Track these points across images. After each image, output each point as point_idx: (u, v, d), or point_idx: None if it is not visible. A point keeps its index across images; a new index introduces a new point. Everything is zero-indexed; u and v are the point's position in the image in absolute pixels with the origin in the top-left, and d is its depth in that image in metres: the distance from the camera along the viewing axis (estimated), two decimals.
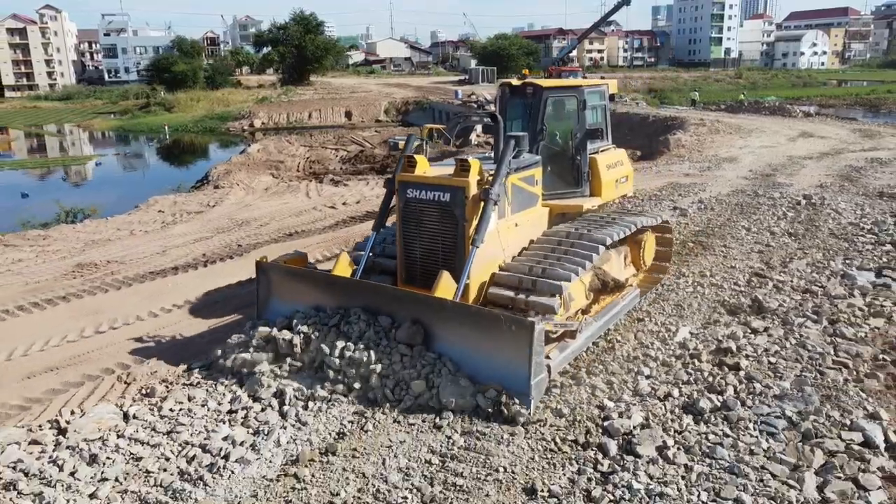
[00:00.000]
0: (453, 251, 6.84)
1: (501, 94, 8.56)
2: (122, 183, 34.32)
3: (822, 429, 5.81)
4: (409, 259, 7.22)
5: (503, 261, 7.22)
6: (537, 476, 5.22)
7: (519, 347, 5.81)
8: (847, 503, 4.91)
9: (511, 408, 5.82)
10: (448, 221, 6.84)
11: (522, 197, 7.50)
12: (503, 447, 5.56)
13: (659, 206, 14.48)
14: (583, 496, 4.99)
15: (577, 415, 6.09)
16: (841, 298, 8.80)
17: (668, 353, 7.36)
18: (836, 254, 10.81)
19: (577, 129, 8.23)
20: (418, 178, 7.03)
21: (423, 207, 6.97)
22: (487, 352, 6.02)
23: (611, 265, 7.99)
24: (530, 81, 8.22)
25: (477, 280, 6.89)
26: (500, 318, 5.98)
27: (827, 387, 6.55)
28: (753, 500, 4.89)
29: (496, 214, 6.91)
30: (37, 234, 14.44)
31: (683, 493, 4.99)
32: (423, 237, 7.05)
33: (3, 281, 11.15)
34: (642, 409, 6.16)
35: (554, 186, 8.22)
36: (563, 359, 6.72)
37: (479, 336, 6.06)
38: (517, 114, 8.47)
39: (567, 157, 8.36)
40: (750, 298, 8.84)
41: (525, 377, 5.81)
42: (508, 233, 7.27)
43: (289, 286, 7.42)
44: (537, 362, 5.87)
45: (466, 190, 6.65)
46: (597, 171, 8.42)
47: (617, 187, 8.96)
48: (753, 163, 20.32)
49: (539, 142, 8.05)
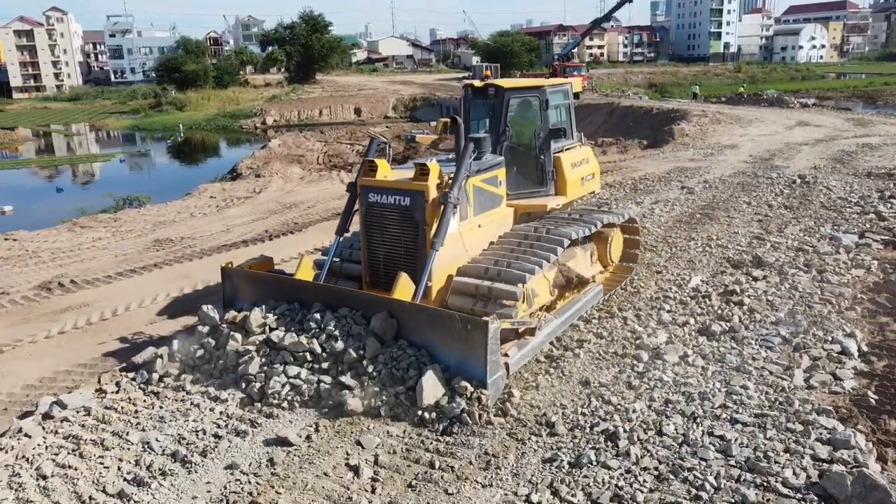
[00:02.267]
0: (414, 254, 6.90)
1: (464, 96, 8.58)
2: (154, 177, 35.85)
3: (809, 343, 7.36)
4: (372, 262, 7.28)
5: (466, 262, 7.28)
6: (589, 374, 6.79)
7: (475, 347, 5.87)
8: (826, 389, 6.44)
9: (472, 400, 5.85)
10: (408, 225, 6.89)
11: (485, 198, 7.53)
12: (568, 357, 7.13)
13: (668, 187, 16.03)
14: (625, 385, 6.54)
15: (614, 336, 7.66)
16: (828, 254, 10.34)
17: (683, 294, 8.92)
18: (826, 221, 12.36)
19: (541, 128, 8.24)
20: (379, 182, 7.07)
21: (385, 211, 7.02)
22: (445, 352, 6.08)
23: (576, 262, 8.03)
24: (492, 83, 8.21)
25: (439, 282, 6.96)
26: (455, 317, 6.06)
27: (814, 315, 8.10)
28: (756, 387, 6.43)
29: (457, 217, 7.00)
30: (107, 218, 16.01)
31: (702, 383, 6.54)
32: (386, 241, 7.11)
33: (93, 255, 12.71)
34: (666, 332, 7.73)
35: (519, 186, 8.27)
36: (521, 356, 6.66)
37: (437, 337, 6.12)
38: (480, 115, 8.54)
39: (531, 156, 8.38)
40: (751, 255, 10.39)
41: (482, 376, 5.89)
42: (471, 234, 7.34)
43: (254, 290, 7.37)
44: (493, 361, 5.90)
45: (426, 194, 6.71)
46: (561, 169, 8.45)
47: (583, 185, 9.00)
48: (753, 149, 21.86)
49: (502, 142, 8.07)
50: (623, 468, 5.22)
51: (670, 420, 5.86)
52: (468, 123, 8.26)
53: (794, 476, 5.02)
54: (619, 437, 5.58)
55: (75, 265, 11.98)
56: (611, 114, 38.51)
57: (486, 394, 5.86)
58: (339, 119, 58.19)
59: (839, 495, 4.76)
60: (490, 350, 5.83)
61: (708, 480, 5.01)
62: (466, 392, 5.87)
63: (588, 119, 38.75)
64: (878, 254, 10.44)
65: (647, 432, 5.68)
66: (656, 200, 14.54)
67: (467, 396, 5.86)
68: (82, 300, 10.13)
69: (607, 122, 37.30)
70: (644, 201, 14.49)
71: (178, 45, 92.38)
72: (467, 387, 5.89)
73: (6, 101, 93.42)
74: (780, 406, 6.04)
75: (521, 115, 8.48)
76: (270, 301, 7.10)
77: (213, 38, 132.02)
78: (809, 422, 5.74)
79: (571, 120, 9.06)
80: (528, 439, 5.67)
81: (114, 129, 63.19)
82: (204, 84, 76.52)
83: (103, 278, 11.14)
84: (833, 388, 6.43)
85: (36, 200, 30.09)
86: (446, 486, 5.08)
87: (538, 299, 7.33)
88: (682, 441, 5.55)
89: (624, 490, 4.95)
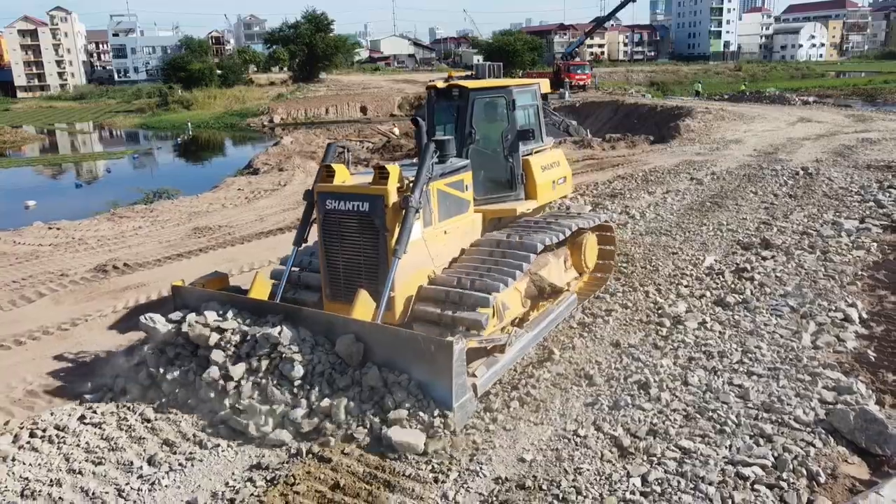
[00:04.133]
0: (376, 263, 6.49)
1: (428, 98, 8.27)
2: (170, 173, 36.54)
3: (814, 312, 8.15)
4: (332, 273, 6.85)
5: (433, 270, 6.93)
6: (619, 337, 7.59)
7: (440, 369, 5.55)
8: (831, 349, 7.23)
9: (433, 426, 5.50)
10: (369, 232, 6.50)
11: (451, 203, 7.19)
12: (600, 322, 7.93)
13: (678, 178, 16.82)
14: (651, 346, 7.34)
15: (638, 306, 8.47)
16: (831, 237, 11.14)
17: (699, 272, 9.73)
18: (828, 209, 13.16)
19: (508, 130, 7.96)
20: (337, 188, 6.67)
21: (343, 219, 6.62)
22: (410, 374, 5.75)
23: (549, 270, 7.80)
24: (456, 83, 7.86)
25: (404, 292, 6.58)
26: (419, 338, 5.77)
27: (819, 289, 8.90)
28: (768, 347, 7.22)
29: (421, 223, 6.64)
30: (143, 209, 16.80)
31: (720, 343, 7.34)
32: (346, 250, 6.70)
33: (138, 241, 13.50)
34: (685, 303, 8.53)
35: (487, 191, 7.96)
36: (491, 375, 6.34)
37: (399, 358, 5.80)
38: (446, 117, 8.12)
39: (499, 159, 8.07)
40: (759, 238, 11.19)
41: (448, 400, 5.56)
42: (437, 241, 6.98)
43: (205, 308, 6.77)
44: (459, 384, 5.61)
45: (385, 198, 6.33)
46: (531, 172, 8.16)
47: (554, 189, 8.70)
48: (757, 144, 22.66)
49: (468, 145, 7.75)
50: (655, 409, 6.01)
51: (694, 373, 6.66)
52: (433, 126, 8.01)
53: (805, 414, 5.81)
54: (650, 386, 6.38)
55: (123, 250, 12.76)
56: (615, 111, 39.29)
57: (453, 419, 5.51)
58: (345, 117, 58.93)
59: (843, 428, 5.55)
60: (455, 373, 5.51)
61: (730, 419, 5.80)
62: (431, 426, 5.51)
63: (593, 116, 39.58)
64: (878, 237, 11.23)
65: (674, 382, 6.48)
66: (667, 190, 15.35)
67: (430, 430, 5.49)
68: (139, 280, 10.92)
69: (612, 119, 38.08)
70: (656, 191, 15.30)
71: (182, 45, 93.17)
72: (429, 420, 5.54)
73: (11, 101, 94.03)
74: (791, 361, 6.84)
75: (488, 116, 8.13)
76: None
77: (215, 38, 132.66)
78: (817, 374, 6.54)
79: (540, 121, 8.73)
80: (570, 388, 6.48)
81: (122, 127, 63.88)
82: (209, 83, 77.33)
83: (153, 262, 11.94)
84: (837, 348, 7.22)
85: (56, 196, 30.88)
86: (503, 423, 5.88)
87: (509, 312, 6.95)
88: (705, 389, 6.35)
89: (658, 426, 5.74)
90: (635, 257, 10.44)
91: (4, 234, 14.33)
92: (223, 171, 32.35)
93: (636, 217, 13.03)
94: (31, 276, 11.30)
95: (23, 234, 14.46)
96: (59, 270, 11.49)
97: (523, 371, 6.86)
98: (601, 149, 23.97)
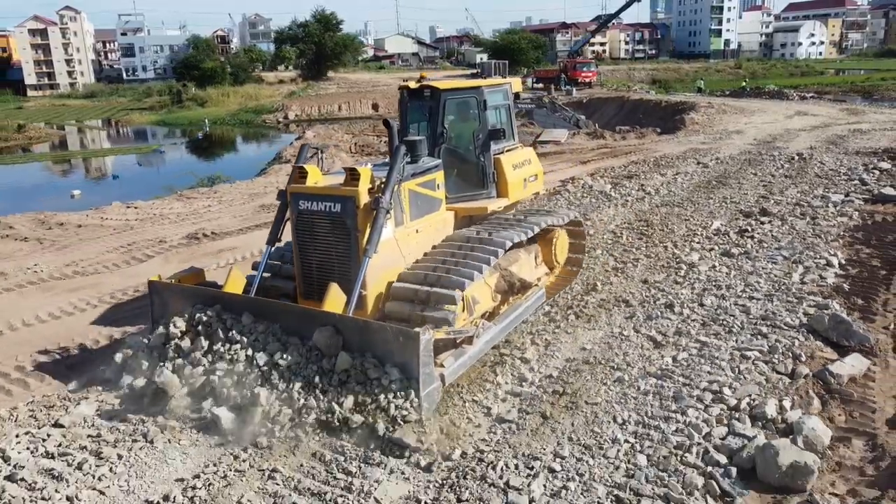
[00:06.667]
0: (347, 262, 6.66)
1: (401, 98, 8.31)
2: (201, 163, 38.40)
3: (803, 259, 10.06)
4: (305, 272, 7.02)
5: (404, 269, 7.06)
6: (646, 276, 9.54)
7: (406, 359, 5.74)
8: (815, 283, 9.13)
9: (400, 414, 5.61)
10: (340, 232, 6.66)
11: (422, 203, 7.30)
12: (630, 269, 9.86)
13: (685, 163, 18.77)
14: (672, 282, 9.27)
15: (659, 256, 10.42)
16: (820, 207, 13.07)
17: (708, 233, 11.67)
18: (819, 186, 15.09)
19: (479, 129, 8.06)
20: (309, 189, 6.80)
21: (315, 219, 6.77)
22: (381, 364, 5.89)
23: (520, 266, 7.94)
24: (427, 84, 7.96)
25: (375, 290, 6.75)
26: (387, 329, 5.96)
27: (807, 244, 10.82)
28: (765, 282, 9.14)
29: (392, 222, 6.80)
30: (206, 190, 18.73)
31: (727, 280, 9.27)
32: (318, 249, 6.86)
33: (214, 216, 15.42)
34: (698, 254, 10.47)
35: (459, 189, 8.07)
36: (458, 366, 6.45)
37: (369, 349, 5.95)
38: (418, 117, 8.22)
39: (470, 158, 8.19)
40: (758, 208, 13.11)
41: (415, 389, 5.70)
42: (409, 240, 7.14)
43: (183, 304, 7.00)
44: (426, 373, 5.75)
45: (357, 199, 6.48)
46: (502, 171, 8.27)
47: (525, 187, 8.81)
48: (757, 134, 24.61)
49: (440, 145, 7.86)
50: (679, 319, 7.95)
51: (707, 298, 8.59)
52: (406, 126, 8.14)
53: (792, 321, 7.74)
54: (674, 306, 8.32)
55: (204, 223, 14.67)
56: (621, 106, 41.25)
57: (420, 406, 5.68)
58: (357, 114, 60.80)
59: (820, 328, 7.47)
60: (423, 362, 5.69)
61: (736, 324, 7.73)
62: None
63: (600, 111, 41.54)
64: (859, 207, 13.15)
65: (692, 304, 8.42)
66: (677, 172, 17.29)
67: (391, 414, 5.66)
68: (230, 245, 12.83)
69: (618, 114, 40.03)
70: (667, 173, 17.24)
71: (189, 44, 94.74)
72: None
73: (23, 99, 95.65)
74: (783, 290, 8.77)
75: (459, 116, 8.30)
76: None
77: (220, 37, 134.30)
78: (802, 297, 8.48)
79: (511, 121, 8.88)
80: (612, 308, 8.42)
81: (139, 124, 65.69)
82: (222, 81, 79.17)
83: (235, 231, 13.86)
84: (819, 284, 9.13)
85: (96, 187, 32.88)
86: (566, 328, 7.80)
87: (479, 307, 7.16)
88: (716, 307, 8.28)
89: (682, 329, 7.68)
90: (654, 223, 12.37)
91: (91, 212, 16.25)
92: (253, 161, 34.39)
93: (651, 193, 14.97)
94: (134, 242, 13.21)
95: (106, 212, 16.38)
96: (157, 238, 13.41)
97: (574, 297, 8.80)
98: (612, 139, 25.89)
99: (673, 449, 5.42)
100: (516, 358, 7.10)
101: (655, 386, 6.41)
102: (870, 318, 8.04)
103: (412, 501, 4.93)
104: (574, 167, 19.64)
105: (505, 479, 5.12)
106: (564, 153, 22.54)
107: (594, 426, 5.80)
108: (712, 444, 5.47)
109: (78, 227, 14.65)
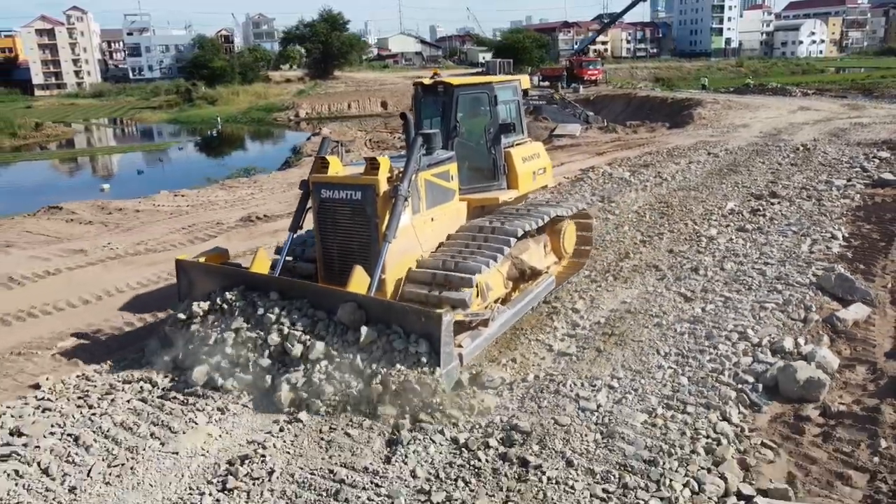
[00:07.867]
0: (368, 248, 6.97)
1: (415, 94, 8.65)
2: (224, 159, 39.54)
3: (810, 233, 11.23)
4: (327, 257, 7.34)
5: (420, 255, 7.38)
6: (672, 246, 10.72)
7: (429, 338, 6.05)
8: (821, 252, 10.29)
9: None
10: (361, 219, 6.95)
11: (437, 192, 7.60)
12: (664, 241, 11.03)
13: (697, 153, 19.95)
14: (695, 252, 10.45)
15: (682, 231, 11.60)
16: (825, 191, 14.24)
17: (723, 212, 12.85)
18: (823, 173, 16.27)
19: (490, 124, 8.40)
20: (331, 178, 7.10)
21: (337, 206, 7.06)
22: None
23: (530, 255, 8.25)
24: (441, 80, 8.33)
25: (394, 275, 7.05)
26: (409, 310, 6.28)
27: (814, 221, 11.98)
28: (777, 251, 10.30)
29: (409, 210, 7.06)
30: (246, 180, 19.91)
31: (744, 249, 10.45)
32: (339, 235, 7.16)
33: (260, 202, 16.57)
34: (716, 229, 11.64)
35: (471, 181, 8.37)
36: (475, 346, 6.84)
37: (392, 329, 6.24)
38: (431, 112, 8.55)
39: (482, 151, 8.51)
40: (768, 191, 14.28)
41: (436, 366, 6.00)
42: (424, 227, 7.42)
43: (210, 283, 7.38)
44: (447, 352, 6.06)
45: (376, 188, 6.76)
46: (512, 164, 8.56)
47: (535, 179, 9.09)
48: (762, 127, 25.80)
49: (453, 138, 8.16)
50: (705, 280, 9.13)
51: (727, 263, 9.77)
52: (420, 121, 8.49)
53: (803, 280, 8.91)
54: (699, 269, 9.50)
55: (254, 208, 15.83)
56: (628, 103, 42.43)
57: (441, 383, 6.00)
58: (367, 112, 61.99)
59: (827, 285, 8.63)
60: (444, 342, 6.00)
61: (754, 283, 8.91)
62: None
63: (608, 108, 42.71)
64: (861, 191, 14.32)
65: (715, 268, 9.60)
66: (690, 161, 18.48)
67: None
68: (282, 226, 13.94)
69: (625, 110, 41.21)
70: (680, 162, 18.43)
71: (195, 44, 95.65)
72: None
73: (31, 98, 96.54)
74: (794, 257, 9.95)
75: (471, 111, 8.60)
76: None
77: (224, 36, 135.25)
78: (812, 262, 9.66)
79: (521, 116, 9.23)
80: (645, 272, 9.59)
81: (152, 122, 66.79)
82: (231, 80, 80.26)
83: (285, 215, 14.97)
84: (825, 252, 10.30)
85: (123, 181, 34.02)
86: (606, 287, 8.98)
87: (492, 293, 7.52)
88: (736, 271, 9.46)
89: (708, 287, 8.86)
90: (673, 204, 13.55)
91: (143, 199, 17.41)
92: (272, 156, 35.53)
93: (668, 179, 16.15)
94: (193, 224, 14.35)
95: (156, 199, 17.54)
96: (213, 221, 14.56)
97: (609, 264, 9.98)
98: (624, 133, 27.08)
99: (709, 372, 6.60)
100: (568, 309, 8.29)
101: (689, 329, 7.59)
102: (870, 279, 9.20)
103: (502, 408, 6.10)
104: (591, 158, 20.81)
105: (574, 392, 6.29)
106: (580, 146, 23.71)
107: (641, 357, 6.98)
108: (741, 369, 6.65)
109: (136, 211, 15.82)
